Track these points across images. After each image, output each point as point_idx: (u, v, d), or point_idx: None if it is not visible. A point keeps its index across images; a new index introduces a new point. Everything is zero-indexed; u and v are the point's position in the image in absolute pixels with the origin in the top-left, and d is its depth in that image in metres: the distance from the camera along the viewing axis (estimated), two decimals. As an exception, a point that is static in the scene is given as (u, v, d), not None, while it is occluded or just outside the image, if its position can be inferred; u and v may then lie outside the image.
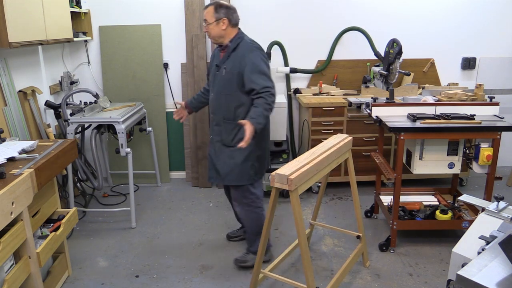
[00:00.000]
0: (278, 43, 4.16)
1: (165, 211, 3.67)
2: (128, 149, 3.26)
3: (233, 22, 2.61)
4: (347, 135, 2.63)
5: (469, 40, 4.31)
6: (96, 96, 3.48)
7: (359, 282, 2.63)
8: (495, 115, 2.98)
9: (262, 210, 2.73)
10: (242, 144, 2.36)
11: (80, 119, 3.27)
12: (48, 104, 3.46)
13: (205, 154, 3.96)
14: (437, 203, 3.31)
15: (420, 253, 2.93)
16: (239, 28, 2.67)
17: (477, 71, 4.40)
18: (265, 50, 4.05)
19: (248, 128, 2.35)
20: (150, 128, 3.99)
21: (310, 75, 4.31)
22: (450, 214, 2.99)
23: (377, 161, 3.19)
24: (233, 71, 2.55)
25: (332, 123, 3.85)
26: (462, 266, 1.28)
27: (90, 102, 3.58)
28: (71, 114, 3.43)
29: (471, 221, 2.83)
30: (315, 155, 2.24)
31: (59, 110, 3.49)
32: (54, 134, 3.47)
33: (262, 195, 2.77)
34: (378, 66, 4.08)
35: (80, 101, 3.64)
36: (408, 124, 2.82)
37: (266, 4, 4.13)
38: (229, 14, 2.58)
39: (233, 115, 2.59)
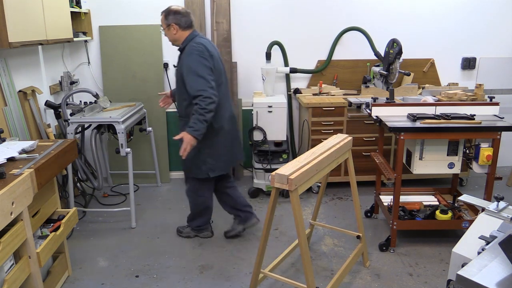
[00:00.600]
0: (278, 43, 4.16)
1: (165, 211, 3.67)
2: (128, 149, 3.25)
3: (183, 25, 2.80)
4: (347, 135, 2.63)
5: (469, 40, 4.31)
6: (96, 96, 3.47)
7: (359, 282, 2.63)
8: (495, 115, 2.98)
9: (204, 198, 3.04)
10: (181, 153, 2.64)
11: (80, 119, 3.26)
12: (48, 104, 3.46)
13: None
14: (437, 203, 3.31)
15: (420, 253, 2.93)
16: (193, 30, 2.85)
17: (477, 71, 4.40)
18: (265, 50, 4.09)
19: (185, 138, 2.61)
20: (150, 128, 3.99)
21: (310, 75, 4.31)
22: (450, 214, 2.99)
23: (377, 161, 3.19)
24: (180, 71, 2.76)
25: (332, 123, 3.85)
26: (462, 266, 1.28)
27: (90, 102, 3.58)
28: (71, 114, 3.43)
29: (471, 221, 2.83)
30: (315, 155, 2.24)
31: (59, 110, 3.48)
32: (54, 134, 3.47)
33: (210, 189, 3.05)
34: (378, 66, 4.08)
35: (80, 101, 3.64)
36: (408, 124, 2.82)
37: (266, 4, 4.13)
38: (177, 19, 2.78)
39: (184, 112, 2.84)
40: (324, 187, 2.83)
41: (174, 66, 3.07)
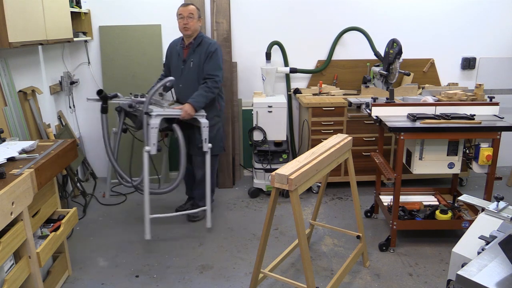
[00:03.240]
0: (278, 43, 4.16)
1: (165, 211, 3.66)
2: (210, 145, 3.12)
3: None
4: (347, 135, 2.63)
5: (469, 40, 4.31)
6: (161, 93, 3.30)
7: (359, 282, 2.63)
8: (495, 115, 2.98)
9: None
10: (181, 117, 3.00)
11: (164, 111, 2.99)
12: (103, 96, 3.16)
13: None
14: (437, 203, 3.31)
15: (420, 253, 2.93)
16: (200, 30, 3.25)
17: (477, 71, 4.40)
18: (265, 50, 4.09)
19: (186, 108, 2.99)
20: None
21: (310, 75, 4.31)
22: (450, 214, 2.99)
23: (377, 161, 3.19)
24: (200, 63, 3.14)
25: (332, 123, 3.85)
26: (462, 266, 1.28)
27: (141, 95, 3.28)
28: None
29: (471, 221, 2.83)
30: (315, 155, 2.24)
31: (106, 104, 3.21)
32: (54, 134, 3.47)
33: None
34: (378, 66, 4.09)
35: (131, 93, 3.35)
36: (408, 124, 2.82)
37: (266, 4, 4.13)
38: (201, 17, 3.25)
39: (212, 101, 3.19)
40: (324, 187, 2.83)
41: (184, 61, 3.20)
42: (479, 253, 1.39)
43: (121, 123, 3.26)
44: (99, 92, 3.14)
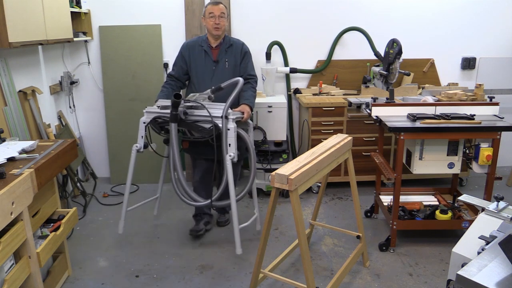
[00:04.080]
0: (278, 43, 4.16)
1: (165, 211, 3.67)
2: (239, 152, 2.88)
3: None
4: (347, 135, 2.63)
5: (469, 40, 4.31)
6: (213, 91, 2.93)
7: (359, 282, 2.63)
8: (495, 115, 2.98)
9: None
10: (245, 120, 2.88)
11: (234, 114, 2.76)
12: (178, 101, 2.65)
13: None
14: (437, 203, 3.31)
15: (420, 253, 2.93)
16: None
17: (477, 71, 4.40)
18: (265, 50, 4.10)
19: (246, 109, 2.92)
20: None
21: (310, 75, 4.31)
22: (450, 214, 2.99)
23: (377, 161, 3.20)
24: (236, 63, 3.06)
25: (332, 123, 3.85)
26: (462, 266, 1.28)
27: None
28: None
29: (471, 221, 2.83)
30: (315, 155, 2.24)
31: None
32: (54, 134, 3.47)
33: None
34: (378, 66, 4.08)
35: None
36: (408, 124, 2.82)
37: (266, 4, 4.13)
38: None
39: (237, 101, 2.98)
40: (324, 187, 2.83)
41: (216, 62, 3.04)
42: (479, 253, 1.39)
43: (175, 134, 2.76)
44: (177, 97, 2.61)
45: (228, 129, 2.68)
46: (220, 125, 2.68)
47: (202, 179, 3.21)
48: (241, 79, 2.77)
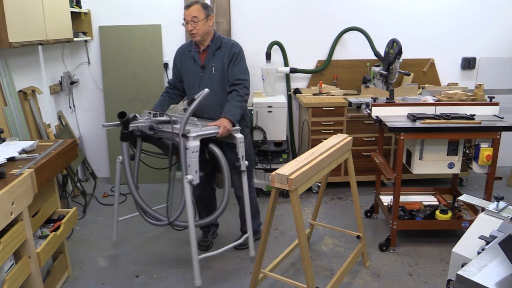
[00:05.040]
0: (278, 43, 4.16)
1: (165, 210, 3.66)
2: (246, 162, 2.69)
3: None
4: (347, 135, 2.63)
5: (469, 40, 4.31)
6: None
7: (359, 282, 2.63)
8: (495, 115, 2.98)
9: (255, 193, 3.11)
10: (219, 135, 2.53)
11: (200, 131, 2.48)
12: (125, 120, 2.53)
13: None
14: (437, 203, 3.31)
15: (420, 253, 2.93)
16: (214, 29, 2.83)
17: (477, 71, 4.40)
18: (265, 50, 4.09)
19: (222, 123, 2.54)
20: None
21: (310, 75, 4.31)
22: (450, 214, 2.99)
23: (377, 161, 3.20)
24: (224, 68, 2.73)
25: (332, 123, 3.85)
26: (462, 266, 1.28)
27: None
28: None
29: (471, 221, 2.83)
30: (315, 155, 2.24)
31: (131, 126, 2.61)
32: (54, 134, 3.47)
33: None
34: (378, 66, 4.08)
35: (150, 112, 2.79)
36: (408, 124, 2.82)
37: (266, 4, 4.13)
38: (213, 12, 2.72)
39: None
40: (324, 187, 2.83)
41: (203, 67, 2.75)
42: (479, 253, 1.39)
43: (139, 150, 2.71)
44: (122, 115, 2.49)
45: (187, 148, 2.37)
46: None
47: (200, 196, 2.99)
48: (206, 90, 2.47)
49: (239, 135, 2.63)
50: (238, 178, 2.79)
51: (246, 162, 2.68)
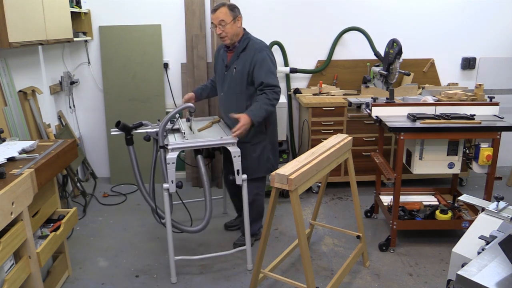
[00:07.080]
0: (278, 43, 4.16)
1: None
2: (244, 176, 2.65)
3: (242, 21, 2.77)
4: (347, 135, 2.63)
5: (469, 40, 4.31)
6: (191, 113, 2.78)
7: (359, 282, 2.63)
8: (495, 115, 2.98)
9: (263, 198, 3.01)
10: (233, 133, 2.55)
11: (183, 143, 2.54)
12: (122, 126, 2.70)
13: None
14: (437, 203, 3.31)
15: (420, 253, 2.93)
16: (244, 28, 2.82)
17: (477, 71, 4.40)
18: (265, 50, 4.09)
19: (243, 119, 2.55)
20: None
21: (310, 75, 4.31)
22: (450, 214, 2.99)
23: (377, 161, 3.20)
24: (244, 71, 2.70)
25: (332, 123, 3.85)
26: (462, 266, 1.28)
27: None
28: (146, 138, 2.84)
29: (471, 221, 2.83)
30: (315, 155, 2.24)
31: (131, 134, 2.82)
32: (54, 134, 3.47)
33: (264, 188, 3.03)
34: (378, 66, 4.09)
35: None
36: (408, 124, 2.82)
37: (266, 4, 4.13)
38: (240, 13, 2.74)
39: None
40: (324, 187, 2.83)
41: (227, 67, 2.77)
42: (479, 253, 1.39)
43: (155, 154, 2.84)
44: (117, 124, 2.65)
45: (165, 159, 2.48)
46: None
47: (232, 195, 3.17)
48: (187, 105, 2.60)
49: (233, 149, 2.59)
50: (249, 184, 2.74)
51: (244, 176, 2.64)
